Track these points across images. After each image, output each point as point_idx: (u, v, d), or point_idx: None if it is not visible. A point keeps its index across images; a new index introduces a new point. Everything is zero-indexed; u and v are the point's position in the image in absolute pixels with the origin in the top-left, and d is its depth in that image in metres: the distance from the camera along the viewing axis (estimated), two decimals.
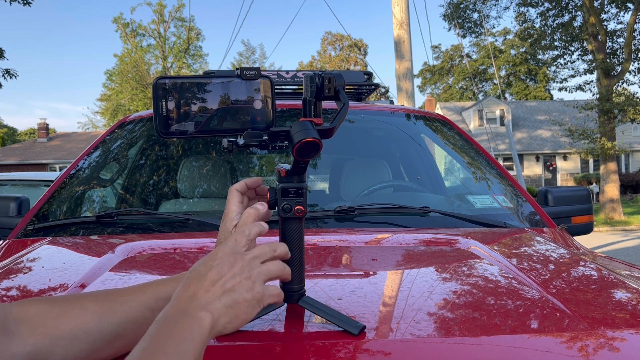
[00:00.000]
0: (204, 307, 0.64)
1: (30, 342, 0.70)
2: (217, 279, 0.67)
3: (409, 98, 9.45)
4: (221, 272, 0.68)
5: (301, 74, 2.46)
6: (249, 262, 0.70)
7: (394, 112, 2.37)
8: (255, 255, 0.71)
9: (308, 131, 0.79)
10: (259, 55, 41.49)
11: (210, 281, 0.67)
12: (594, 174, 28.59)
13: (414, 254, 1.34)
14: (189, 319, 0.63)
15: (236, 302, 0.66)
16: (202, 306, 0.64)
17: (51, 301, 0.76)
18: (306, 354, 0.74)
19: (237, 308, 0.66)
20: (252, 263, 0.70)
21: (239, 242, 0.72)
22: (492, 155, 2.62)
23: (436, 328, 0.81)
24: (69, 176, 1.96)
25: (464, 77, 46.38)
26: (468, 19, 21.27)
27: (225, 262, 0.69)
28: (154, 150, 2.32)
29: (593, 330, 0.80)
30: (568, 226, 1.85)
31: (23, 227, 1.68)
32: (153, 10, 38.29)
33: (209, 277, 0.67)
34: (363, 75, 2.53)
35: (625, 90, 17.78)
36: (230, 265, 0.69)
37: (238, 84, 0.83)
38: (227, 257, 0.69)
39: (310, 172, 2.58)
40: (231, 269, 0.68)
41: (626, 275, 1.14)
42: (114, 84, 39.11)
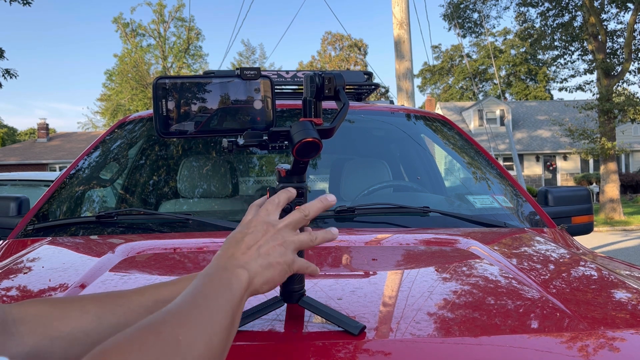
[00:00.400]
0: (242, 266, 0.71)
1: (29, 342, 0.70)
2: (252, 243, 0.73)
3: (409, 98, 9.44)
4: (256, 238, 0.74)
5: (301, 74, 2.46)
6: (281, 230, 0.76)
7: (394, 112, 2.37)
8: (286, 224, 0.77)
9: (308, 131, 0.79)
10: (259, 55, 41.51)
11: (246, 245, 0.73)
12: (594, 174, 28.59)
13: (414, 254, 1.34)
14: (229, 273, 0.69)
15: (270, 265, 0.72)
16: (240, 264, 0.71)
17: (51, 302, 0.76)
18: (306, 354, 0.74)
19: (271, 270, 0.72)
20: (283, 231, 0.76)
21: (270, 211, 0.77)
22: (492, 155, 2.62)
23: (436, 328, 0.81)
24: (69, 176, 1.96)
25: (464, 77, 46.38)
26: (468, 19, 21.27)
27: (259, 230, 0.75)
28: (154, 150, 2.32)
29: (593, 330, 0.80)
30: (568, 226, 1.85)
31: (23, 227, 1.68)
32: (153, 10, 38.31)
33: (245, 242, 0.73)
34: (363, 75, 2.53)
35: (625, 90, 17.77)
36: (264, 232, 0.75)
37: (238, 84, 0.83)
38: (260, 225, 0.75)
39: (310, 172, 2.58)
40: (264, 235, 0.74)
41: (626, 275, 1.14)
42: (114, 84, 39.11)
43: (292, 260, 0.75)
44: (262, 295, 0.90)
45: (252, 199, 2.23)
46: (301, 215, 0.78)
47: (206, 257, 1.30)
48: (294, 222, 0.77)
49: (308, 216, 0.78)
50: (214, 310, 0.62)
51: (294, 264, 0.75)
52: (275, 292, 0.87)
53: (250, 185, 2.50)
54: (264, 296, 0.87)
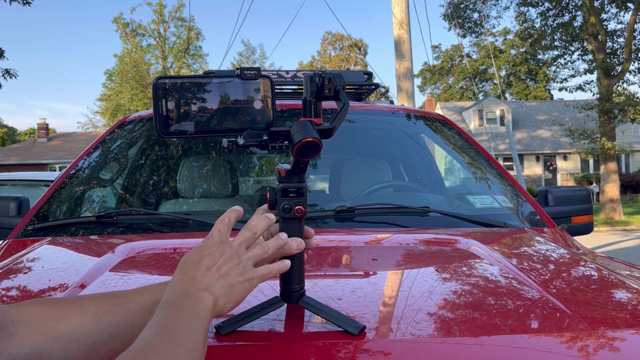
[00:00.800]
0: (204, 289, 0.71)
1: (29, 343, 0.70)
2: (211, 265, 0.74)
3: (409, 98, 9.44)
4: (214, 259, 0.75)
5: (301, 74, 2.46)
6: (236, 248, 0.77)
7: (394, 112, 2.37)
8: (239, 242, 0.78)
9: (308, 131, 0.79)
10: (259, 55, 41.49)
11: (205, 267, 0.73)
12: (594, 174, 28.59)
13: (414, 254, 1.34)
14: (193, 298, 0.69)
15: (231, 285, 0.73)
16: (203, 287, 0.71)
17: (50, 302, 0.76)
18: (306, 354, 0.74)
19: (232, 289, 0.73)
20: (238, 250, 0.77)
21: (222, 232, 0.78)
22: (492, 155, 2.62)
23: (436, 328, 0.81)
24: (69, 176, 1.96)
25: (464, 77, 46.37)
26: (468, 19, 21.27)
27: (215, 251, 0.76)
28: (154, 150, 2.32)
29: (593, 330, 0.80)
30: (568, 226, 1.85)
31: (23, 227, 1.68)
32: (153, 10, 38.31)
33: (204, 264, 0.74)
34: (363, 75, 2.53)
35: (625, 90, 17.77)
36: (221, 252, 0.75)
37: (238, 84, 0.83)
38: (216, 246, 0.76)
39: (310, 172, 2.58)
40: (222, 256, 0.75)
41: (626, 275, 1.14)
42: (114, 84, 39.11)
43: (251, 277, 0.76)
44: (262, 295, 0.90)
45: (252, 199, 2.23)
46: (250, 234, 0.79)
47: None
48: (246, 240, 0.79)
49: (256, 234, 0.79)
50: (185, 340, 0.62)
51: (254, 280, 0.76)
52: (275, 292, 0.87)
53: (250, 185, 2.50)
54: (264, 296, 0.88)
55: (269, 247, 0.80)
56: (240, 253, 0.77)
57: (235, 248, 0.77)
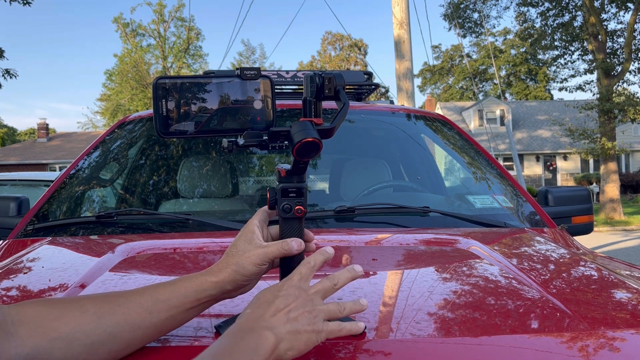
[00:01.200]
0: (269, 328, 0.69)
1: (29, 343, 0.70)
2: (282, 307, 0.72)
3: (409, 98, 9.44)
4: (287, 302, 0.72)
5: (301, 74, 2.46)
6: (312, 297, 0.74)
7: (394, 112, 2.37)
8: (316, 290, 0.75)
9: (308, 131, 0.79)
10: (259, 55, 41.50)
11: (276, 308, 0.72)
12: (594, 174, 28.59)
13: (414, 254, 1.34)
14: (256, 335, 0.67)
15: (298, 332, 0.70)
16: (267, 327, 0.69)
17: (50, 302, 0.76)
18: (306, 353, 0.74)
19: (297, 336, 0.70)
20: (314, 299, 0.74)
21: (303, 276, 0.76)
22: (492, 155, 2.62)
23: (436, 328, 0.81)
24: (69, 176, 1.96)
25: (464, 77, 46.37)
26: (468, 19, 21.27)
27: (290, 294, 0.73)
28: (154, 150, 2.32)
29: (593, 330, 0.80)
30: (568, 226, 1.85)
31: (23, 227, 1.68)
32: (153, 10, 38.31)
33: (275, 305, 0.72)
34: (363, 75, 2.53)
35: (625, 90, 17.77)
36: (295, 297, 0.73)
37: (238, 84, 0.83)
38: (292, 290, 0.74)
39: (310, 172, 2.58)
40: (296, 300, 0.73)
41: (626, 275, 1.14)
42: (114, 84, 39.11)
43: (320, 329, 0.72)
44: None
45: (252, 199, 2.23)
46: (330, 285, 0.77)
47: (206, 257, 1.30)
48: (323, 290, 0.76)
49: (337, 286, 0.77)
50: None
51: (322, 333, 0.73)
52: None
53: (250, 185, 2.50)
54: None
55: (345, 307, 0.76)
56: (315, 302, 0.74)
57: (311, 296, 0.74)
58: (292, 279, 0.76)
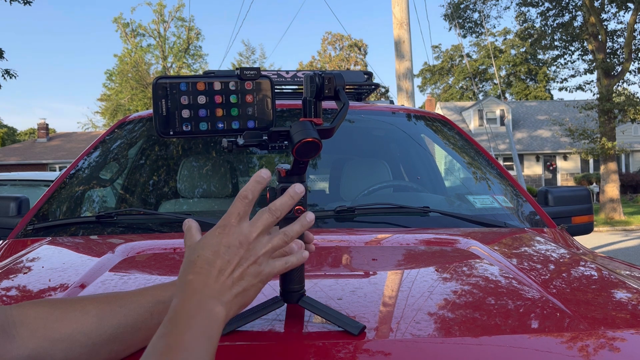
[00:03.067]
0: (217, 300, 0.65)
1: (30, 345, 0.70)
2: (225, 266, 0.66)
3: (409, 98, 9.44)
4: (229, 259, 0.67)
5: (301, 74, 2.46)
6: (255, 242, 0.68)
7: (394, 112, 2.37)
8: (259, 232, 0.69)
9: (308, 131, 0.79)
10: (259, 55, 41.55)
11: (219, 270, 0.66)
12: (594, 174, 28.59)
13: (414, 254, 1.34)
14: (205, 314, 0.63)
15: (245, 290, 0.67)
16: (215, 297, 0.64)
17: (51, 303, 0.75)
18: (306, 354, 0.74)
19: (245, 294, 0.68)
20: (257, 244, 0.69)
21: (242, 215, 0.69)
22: (492, 155, 2.62)
23: (436, 328, 0.81)
24: (69, 176, 1.96)
25: (464, 77, 46.37)
26: (468, 19, 21.27)
27: (232, 246, 0.67)
28: (154, 150, 2.32)
29: (593, 331, 0.80)
30: (568, 226, 1.85)
31: (23, 227, 1.68)
32: (153, 10, 38.29)
33: (218, 266, 0.66)
34: (363, 75, 2.53)
35: (625, 90, 17.77)
36: (237, 248, 0.67)
37: (238, 84, 0.83)
38: (233, 239, 0.68)
39: (310, 172, 2.58)
40: (238, 253, 0.67)
41: (626, 275, 1.14)
42: (114, 84, 39.11)
43: (266, 275, 0.69)
44: (262, 295, 0.90)
45: None
46: (273, 219, 0.70)
47: None
48: (267, 228, 0.70)
49: (280, 218, 0.71)
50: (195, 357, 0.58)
51: (269, 276, 0.69)
52: (275, 292, 0.87)
53: None
54: (264, 296, 0.87)
55: (289, 233, 0.71)
56: (258, 248, 0.68)
57: (253, 242, 0.68)
58: (229, 222, 0.68)
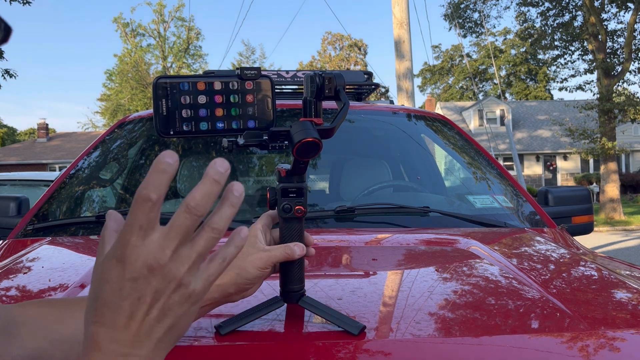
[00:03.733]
0: (134, 356, 0.48)
1: (30, 345, 0.69)
2: (135, 309, 0.48)
3: (409, 98, 9.44)
4: (139, 296, 0.48)
5: (301, 74, 2.46)
6: (171, 264, 0.49)
7: (394, 112, 2.37)
8: (174, 247, 0.49)
9: (308, 131, 0.79)
10: (259, 55, 41.54)
11: (128, 316, 0.48)
12: (594, 174, 28.59)
13: (414, 254, 1.34)
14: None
15: (173, 325, 0.50)
16: (129, 354, 0.48)
17: (52, 304, 0.75)
18: (306, 354, 0.74)
19: (176, 329, 0.51)
20: (175, 264, 0.49)
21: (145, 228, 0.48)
22: (492, 155, 2.61)
23: (436, 328, 0.81)
24: (69, 176, 1.96)
25: (464, 77, 46.37)
26: (468, 19, 21.27)
27: (139, 278, 0.48)
28: (154, 150, 2.32)
29: (593, 331, 0.80)
30: (568, 226, 1.85)
31: (23, 227, 1.68)
32: (153, 10, 38.30)
33: (125, 311, 0.48)
34: (363, 75, 2.53)
35: (625, 90, 17.78)
36: (146, 280, 0.48)
37: (238, 84, 0.83)
38: (139, 268, 0.48)
39: (310, 172, 2.58)
40: (149, 285, 0.48)
41: (626, 275, 1.14)
42: (114, 84, 39.13)
43: (200, 292, 0.51)
44: (262, 295, 0.90)
45: (252, 199, 2.23)
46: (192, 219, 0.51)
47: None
48: (185, 233, 0.50)
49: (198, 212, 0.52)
50: None
51: (205, 290, 0.52)
52: (275, 292, 0.87)
53: (250, 185, 2.50)
54: (264, 296, 0.87)
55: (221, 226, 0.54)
56: (178, 267, 0.49)
57: (169, 262, 0.49)
58: (128, 242, 0.47)
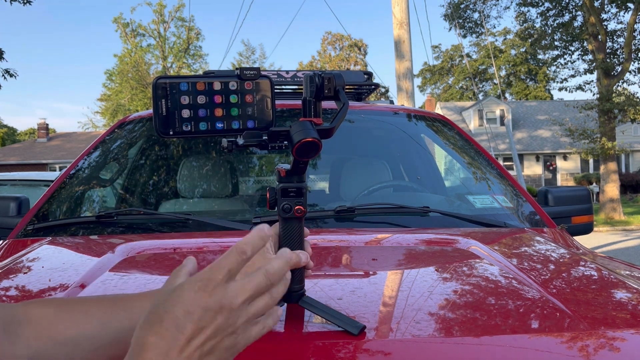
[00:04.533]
0: None
1: (34, 346, 0.69)
2: (195, 335, 0.54)
3: (409, 98, 9.44)
4: (202, 327, 0.55)
5: (301, 74, 2.46)
6: (237, 310, 0.57)
7: (393, 112, 2.37)
8: (245, 298, 0.57)
9: (308, 131, 0.79)
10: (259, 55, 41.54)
11: (187, 338, 0.54)
12: (594, 174, 28.59)
13: (414, 254, 1.34)
14: None
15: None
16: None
17: (56, 303, 0.75)
18: (306, 354, 0.74)
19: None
20: (240, 312, 0.57)
21: (232, 272, 0.57)
22: (492, 155, 2.61)
23: (436, 328, 0.81)
24: (69, 176, 1.96)
25: (464, 77, 46.37)
26: (468, 19, 21.27)
27: (209, 310, 0.55)
28: (154, 150, 2.32)
29: (593, 330, 0.80)
30: (568, 226, 1.85)
31: (23, 227, 1.68)
32: (153, 10, 38.31)
33: (187, 332, 0.54)
34: (363, 75, 2.53)
35: (625, 90, 17.78)
36: (213, 316, 0.55)
37: (238, 84, 0.83)
38: (212, 303, 0.55)
39: (310, 172, 2.58)
40: (213, 321, 0.55)
41: (626, 275, 1.14)
42: (114, 84, 39.13)
43: (240, 348, 0.58)
44: None
45: (252, 199, 2.23)
46: (265, 281, 0.59)
47: (206, 257, 1.30)
48: (257, 292, 0.58)
49: (275, 284, 0.61)
50: None
51: (242, 348, 0.59)
52: None
53: (250, 185, 2.50)
54: None
55: (276, 296, 0.61)
56: (240, 316, 0.57)
57: (237, 309, 0.56)
58: (215, 278, 0.56)
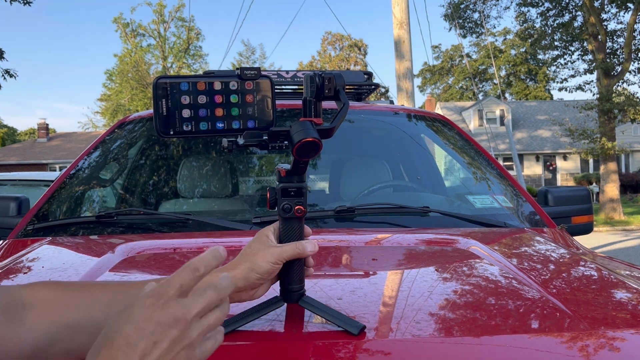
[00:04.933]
0: None
1: (37, 329, 0.69)
2: (149, 351, 0.55)
3: (409, 98, 9.44)
4: (157, 342, 0.55)
5: (301, 74, 2.46)
6: (190, 323, 0.57)
7: (393, 112, 2.37)
8: (198, 311, 0.58)
9: (308, 131, 0.79)
10: (259, 55, 41.51)
11: (139, 355, 0.54)
12: (594, 174, 28.58)
13: (414, 254, 1.34)
14: None
15: None
16: None
17: (61, 287, 0.75)
18: (306, 354, 0.74)
19: None
20: (193, 325, 0.58)
21: (184, 287, 0.59)
22: (492, 155, 2.62)
23: (436, 328, 0.81)
24: (69, 176, 1.96)
25: (464, 77, 46.37)
26: (468, 19, 21.27)
27: (162, 326, 0.56)
28: (154, 150, 2.32)
29: (593, 330, 0.80)
30: (568, 226, 1.85)
31: (23, 227, 1.68)
32: (153, 10, 38.27)
33: (140, 349, 0.54)
34: (363, 75, 2.53)
35: (625, 90, 17.77)
36: (165, 329, 0.56)
37: (238, 84, 0.83)
38: (166, 316, 0.56)
39: (310, 172, 2.58)
40: (167, 335, 0.56)
41: (626, 275, 1.14)
42: (114, 84, 39.12)
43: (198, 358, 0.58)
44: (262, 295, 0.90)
45: (252, 198, 2.23)
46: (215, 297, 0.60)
47: None
48: (209, 305, 0.59)
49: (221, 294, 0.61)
50: None
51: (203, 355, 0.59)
52: (275, 292, 0.87)
53: (250, 185, 2.50)
54: (264, 296, 0.87)
55: (226, 310, 0.62)
56: (194, 328, 0.57)
57: (190, 320, 0.57)
58: (166, 293, 0.57)
